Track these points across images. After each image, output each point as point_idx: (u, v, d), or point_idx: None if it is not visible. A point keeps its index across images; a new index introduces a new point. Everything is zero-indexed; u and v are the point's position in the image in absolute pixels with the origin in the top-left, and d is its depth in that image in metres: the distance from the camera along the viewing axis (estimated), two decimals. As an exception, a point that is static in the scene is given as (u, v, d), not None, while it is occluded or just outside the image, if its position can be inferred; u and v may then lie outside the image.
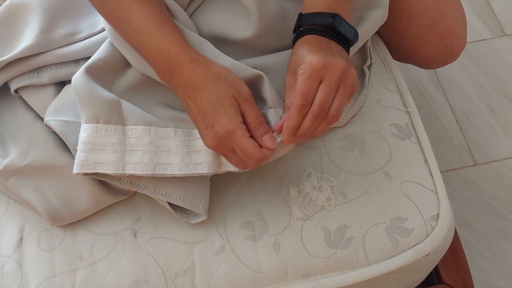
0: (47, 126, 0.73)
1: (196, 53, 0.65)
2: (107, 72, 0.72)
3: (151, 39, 0.65)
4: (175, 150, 0.69)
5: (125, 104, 0.70)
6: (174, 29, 0.66)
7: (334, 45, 0.65)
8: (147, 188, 0.71)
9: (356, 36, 0.67)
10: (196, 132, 0.70)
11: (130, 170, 0.68)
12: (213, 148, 0.65)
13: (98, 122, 0.68)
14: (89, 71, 0.69)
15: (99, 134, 0.68)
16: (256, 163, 0.64)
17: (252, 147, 0.62)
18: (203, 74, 0.63)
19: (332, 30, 0.65)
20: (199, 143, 0.69)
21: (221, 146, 0.64)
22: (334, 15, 0.65)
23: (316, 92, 0.62)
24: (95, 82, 0.69)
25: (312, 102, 0.62)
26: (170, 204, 0.73)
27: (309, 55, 0.62)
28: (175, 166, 0.69)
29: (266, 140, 0.64)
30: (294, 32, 0.68)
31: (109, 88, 0.72)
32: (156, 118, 0.70)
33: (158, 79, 0.69)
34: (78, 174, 0.69)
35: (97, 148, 0.68)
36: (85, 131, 0.68)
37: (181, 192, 0.72)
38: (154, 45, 0.65)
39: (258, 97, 0.69)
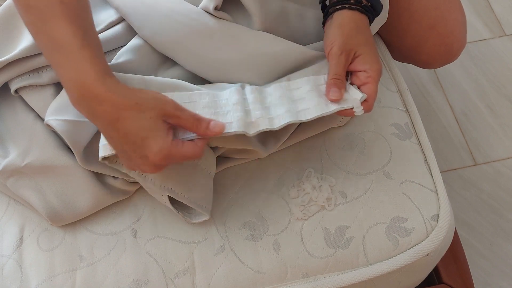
0: (47, 126, 0.73)
1: (114, 81, 0.61)
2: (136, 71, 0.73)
3: (69, 60, 0.60)
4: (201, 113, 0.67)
5: (149, 78, 0.69)
6: (96, 55, 0.61)
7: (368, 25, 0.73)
8: (153, 181, 0.70)
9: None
10: (222, 94, 0.70)
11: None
12: (153, 172, 0.63)
13: None
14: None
15: None
16: (200, 156, 0.64)
17: (192, 150, 0.63)
18: (123, 104, 0.59)
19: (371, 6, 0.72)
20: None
21: (161, 168, 0.63)
22: None
23: None
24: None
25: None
26: (172, 203, 0.73)
27: (377, 63, 0.70)
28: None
29: (214, 126, 0.63)
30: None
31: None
32: (177, 81, 0.70)
33: None
34: (112, 162, 0.69)
35: None
36: None
37: (186, 189, 0.71)
38: (71, 67, 0.60)
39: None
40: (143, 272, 0.73)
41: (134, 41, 0.75)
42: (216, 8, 0.72)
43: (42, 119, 0.75)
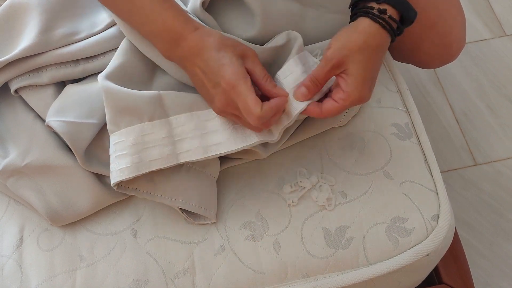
0: (48, 127, 0.73)
1: (198, 23, 0.66)
2: (134, 75, 0.72)
3: (155, 14, 0.65)
4: (221, 128, 0.69)
5: (165, 94, 0.69)
6: (175, 3, 0.66)
7: (385, 46, 0.67)
8: (163, 197, 0.71)
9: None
10: None
11: (184, 158, 0.68)
12: (222, 111, 0.65)
13: (142, 121, 0.68)
14: (109, 77, 0.69)
15: (146, 133, 0.67)
16: (256, 120, 0.62)
17: (254, 102, 0.61)
18: (207, 39, 0.64)
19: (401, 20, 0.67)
20: None
21: (229, 105, 0.63)
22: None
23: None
24: (125, 87, 0.69)
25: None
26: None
27: (358, 92, 0.64)
28: (225, 144, 0.69)
29: (279, 90, 0.65)
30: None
31: (147, 86, 0.72)
32: (197, 97, 0.70)
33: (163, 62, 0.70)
34: (118, 184, 0.69)
35: (147, 146, 0.67)
36: (131, 134, 0.67)
37: (196, 198, 0.72)
38: (158, 20, 0.65)
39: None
40: (143, 272, 0.73)
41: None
42: (203, 5, 0.72)
43: (42, 119, 0.75)
